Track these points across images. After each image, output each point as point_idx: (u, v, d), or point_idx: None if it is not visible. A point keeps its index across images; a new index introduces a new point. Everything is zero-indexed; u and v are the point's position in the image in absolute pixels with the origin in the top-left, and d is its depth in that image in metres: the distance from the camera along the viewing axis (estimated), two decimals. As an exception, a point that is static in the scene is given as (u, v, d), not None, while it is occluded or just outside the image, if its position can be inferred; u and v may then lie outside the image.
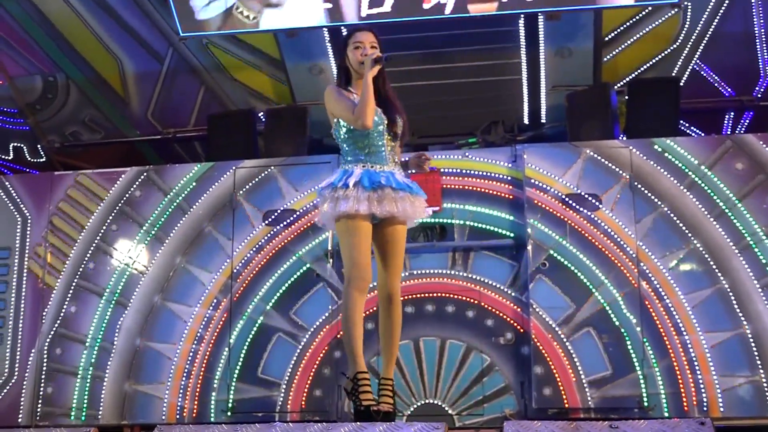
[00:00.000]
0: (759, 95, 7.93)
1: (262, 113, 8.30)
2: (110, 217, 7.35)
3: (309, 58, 8.07)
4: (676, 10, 7.51)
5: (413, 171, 4.28)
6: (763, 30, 7.72)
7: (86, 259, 7.31)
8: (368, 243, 4.03)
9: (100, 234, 7.33)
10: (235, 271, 6.99)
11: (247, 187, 7.16)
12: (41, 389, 7.12)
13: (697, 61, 7.94)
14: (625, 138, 7.21)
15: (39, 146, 8.93)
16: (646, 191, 6.59)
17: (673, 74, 7.94)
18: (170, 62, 8.52)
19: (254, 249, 7.01)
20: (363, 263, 4.01)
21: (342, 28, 7.68)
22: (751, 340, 6.26)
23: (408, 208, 3.98)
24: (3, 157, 8.98)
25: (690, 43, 7.87)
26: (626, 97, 7.44)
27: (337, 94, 4.18)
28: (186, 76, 8.62)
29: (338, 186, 4.02)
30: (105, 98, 8.77)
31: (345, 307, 4.10)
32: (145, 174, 7.39)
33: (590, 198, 6.63)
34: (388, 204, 3.94)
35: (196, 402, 6.84)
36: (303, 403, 6.68)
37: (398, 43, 7.59)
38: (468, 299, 6.69)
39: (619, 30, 7.89)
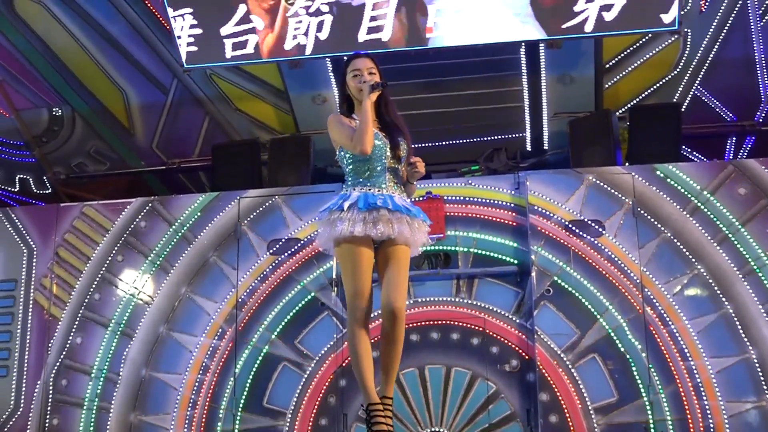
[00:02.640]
0: (760, 120, 7.93)
1: (266, 143, 8.32)
2: (115, 248, 7.38)
3: (312, 88, 8.12)
4: (676, 36, 7.54)
5: (421, 197, 4.29)
6: (763, 55, 7.73)
7: (92, 290, 7.34)
8: (367, 268, 4.00)
9: (106, 265, 7.36)
10: (240, 300, 7.00)
11: (252, 216, 7.19)
12: (47, 421, 7.13)
13: (698, 87, 7.96)
14: (627, 164, 7.23)
15: (45, 178, 8.97)
16: (649, 217, 6.61)
17: (675, 100, 7.95)
18: (174, 93, 8.56)
19: (259, 278, 7.03)
20: (361, 291, 3.99)
21: (344, 57, 7.74)
22: (757, 365, 6.25)
23: (405, 231, 3.95)
24: (9, 189, 9.02)
25: (691, 68, 7.91)
26: (628, 124, 7.46)
27: (337, 121, 4.22)
28: (190, 107, 8.67)
29: (334, 209, 4.05)
30: (110, 130, 8.81)
31: (349, 339, 4.09)
32: (150, 204, 7.43)
33: (593, 224, 6.65)
34: (383, 225, 3.94)
35: (201, 432, 6.87)
36: (309, 432, 6.71)
37: (399, 72, 7.64)
38: (473, 326, 6.69)
39: (619, 57, 7.92)
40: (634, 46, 7.88)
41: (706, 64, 7.89)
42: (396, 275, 3.97)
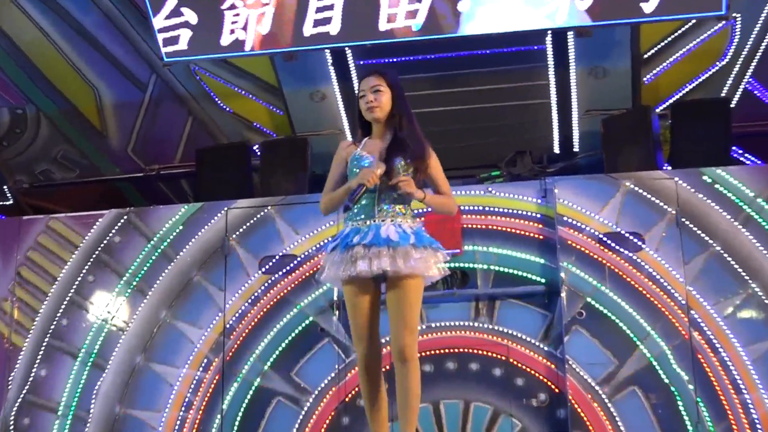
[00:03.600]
0: (822, 116, 7.96)
1: (257, 146, 8.33)
2: (86, 267, 7.37)
3: (310, 84, 8.12)
4: (723, 23, 7.52)
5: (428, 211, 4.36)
6: (822, 43, 7.77)
7: (59, 314, 7.32)
8: (362, 310, 4.23)
9: (75, 286, 7.35)
10: (228, 326, 6.99)
11: (241, 230, 7.18)
12: (7, 465, 7.13)
13: (750, 80, 7.95)
14: (669, 168, 7.21)
15: (5, 187, 8.95)
16: (695, 228, 6.58)
17: (723, 95, 7.95)
18: (153, 90, 8.56)
19: (250, 301, 7.01)
20: (358, 335, 4.26)
21: (345, 49, 7.77)
22: (822, 398, 6.22)
23: (386, 263, 4.11)
24: (-37, 200, 9.08)
25: (740, 59, 7.88)
26: (670, 122, 7.44)
27: (334, 160, 4.48)
28: (171, 105, 8.67)
29: (325, 251, 4.36)
30: (80, 132, 8.82)
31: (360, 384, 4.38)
32: (125, 217, 7.42)
33: (632, 237, 6.62)
34: (363, 263, 4.15)
35: (184, 478, 6.82)
36: (307, 477, 6.69)
37: (408, 65, 7.62)
38: (494, 355, 6.67)
39: (659, 46, 7.91)
40: (676, 34, 7.86)
41: (759, 54, 7.86)
42: (394, 312, 4.16)
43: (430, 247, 4.26)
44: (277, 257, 7.07)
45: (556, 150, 8.25)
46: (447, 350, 6.73)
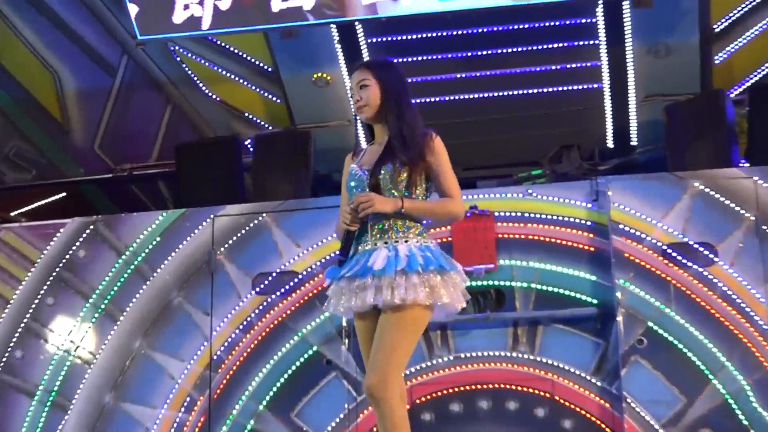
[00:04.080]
0: None
1: (249, 141, 8.33)
2: (45, 287, 7.37)
3: (312, 66, 8.14)
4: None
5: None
6: None
7: (12, 344, 7.32)
8: (365, 340, 4.33)
9: (31, 310, 7.35)
10: (215, 357, 6.98)
11: (231, 242, 7.17)
12: None
13: None
14: (746, 165, 7.18)
15: (-51, 192, 9.06)
16: (779, 238, 6.55)
17: (811, 76, 7.96)
18: (124, 75, 8.62)
19: (241, 327, 7.00)
20: (365, 364, 4.33)
21: (356, 23, 7.76)
22: None
23: (370, 297, 4.15)
24: None
25: (833, 33, 7.88)
26: (747, 109, 7.42)
27: (342, 178, 4.52)
28: (146, 93, 8.70)
29: (327, 278, 4.42)
30: (37, 125, 8.85)
31: None
32: (91, 227, 7.41)
33: (702, 249, 6.58)
34: (348, 297, 4.26)
35: None
36: None
37: (433, 43, 7.63)
38: (537, 392, 6.64)
39: (734, 17, 7.90)
40: (755, 2, 7.84)
41: None
42: (372, 348, 4.21)
43: (430, 268, 4.19)
44: (273, 274, 7.06)
45: (610, 144, 8.27)
46: (479, 386, 6.71)
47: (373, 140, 4.48)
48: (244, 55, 8.46)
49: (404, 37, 7.96)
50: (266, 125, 8.70)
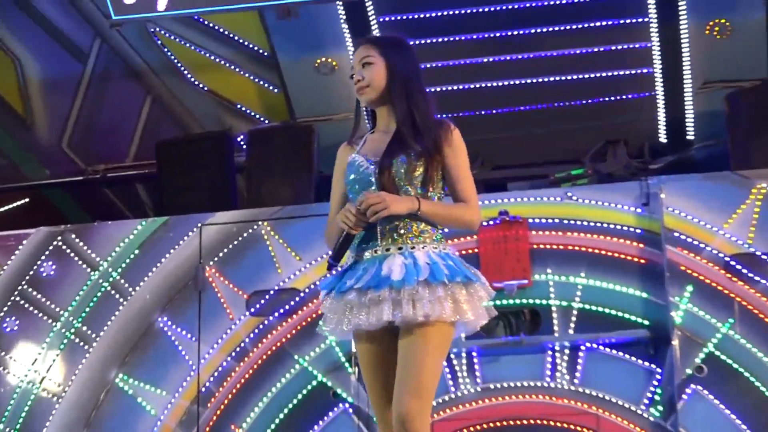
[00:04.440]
0: None
1: (242, 137, 8.29)
2: (5, 309, 7.37)
3: (315, 50, 8.16)
4: None
5: (491, 221, 4.28)
6: None
7: (-32, 374, 7.29)
8: (374, 368, 4.27)
9: (-10, 335, 7.33)
10: (203, 389, 6.96)
11: (221, 255, 7.16)
12: None
13: None
14: (823, 162, 7.11)
15: None
16: None
17: None
18: (97, 62, 8.62)
19: (234, 354, 6.98)
20: (372, 400, 4.29)
21: (367, 1, 7.76)
22: None
23: (387, 313, 4.08)
24: None
25: None
26: (824, 97, 7.35)
27: (335, 171, 4.45)
28: (122, 82, 8.72)
29: (322, 292, 4.36)
30: (-5, 119, 8.90)
31: None
32: (59, 237, 7.41)
33: (772, 260, 6.54)
34: (358, 313, 4.16)
35: None
36: None
37: (456, 22, 7.58)
38: (579, 428, 6.61)
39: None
40: (830, -28, 7.77)
41: None
42: (400, 369, 4.13)
43: (456, 280, 4.13)
44: (271, 293, 7.05)
45: (663, 138, 8.25)
46: (512, 421, 6.67)
47: (374, 128, 4.43)
48: (236, 38, 8.47)
49: (421, 15, 7.95)
50: (262, 119, 8.70)
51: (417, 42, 7.54)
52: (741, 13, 7.74)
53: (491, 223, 6.80)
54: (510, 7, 7.84)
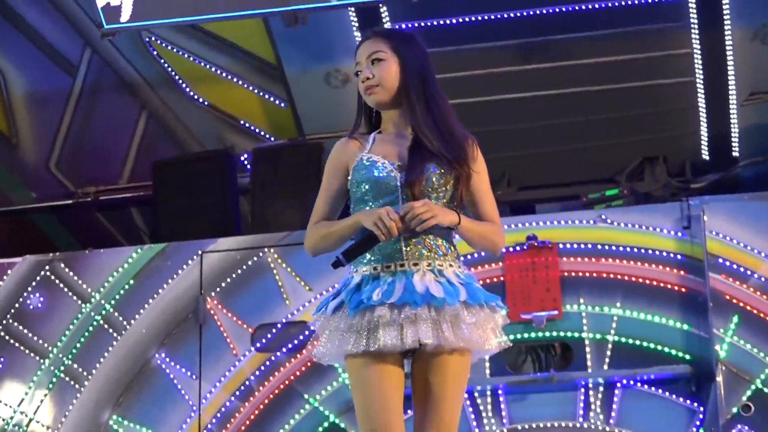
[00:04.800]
0: None
1: (245, 156, 8.38)
2: (-11, 344, 7.40)
3: (325, 60, 8.18)
4: None
5: (517, 247, 4.24)
6: None
7: (-51, 417, 7.34)
8: (385, 393, 4.10)
9: (-28, 373, 7.39)
10: (205, 431, 7.00)
11: (224, 284, 7.22)
12: None
13: None
14: None
15: None
16: None
17: None
18: (87, 74, 8.65)
19: (238, 393, 7.03)
20: (381, 423, 4.05)
21: (379, 6, 7.81)
22: None
23: (428, 333, 3.98)
24: None
25: None
26: None
27: (327, 169, 4.41)
28: (115, 96, 8.72)
29: (321, 312, 4.18)
30: (-25, 139, 8.91)
31: None
32: (47, 267, 7.47)
33: (825, 288, 6.58)
34: (388, 332, 4.02)
35: None
36: None
37: (479, 30, 7.70)
38: (614, 472, 6.64)
39: None
40: None
41: None
42: (433, 406, 4.08)
43: (487, 305, 4.13)
44: (278, 326, 7.10)
45: (705, 155, 8.25)
46: (541, 465, 6.70)
47: (378, 130, 4.33)
48: (239, 47, 8.50)
49: (441, 22, 7.98)
50: (267, 136, 8.74)
51: (436, 50, 7.32)
52: (791, 17, 7.70)
53: (518, 248, 6.85)
54: (537, 12, 7.87)
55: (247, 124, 8.78)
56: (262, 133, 8.78)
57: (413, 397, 4.15)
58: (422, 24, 8.00)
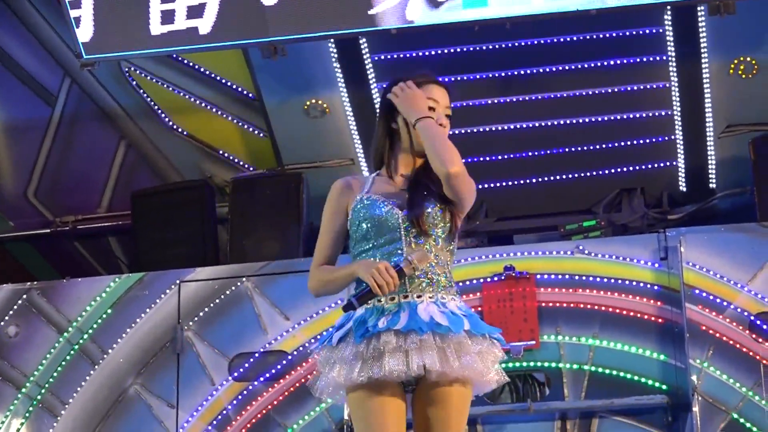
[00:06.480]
0: None
1: (225, 186, 8.36)
2: (-35, 374, 7.38)
3: (304, 92, 8.18)
4: None
5: (496, 277, 4.25)
6: None
7: None
8: (387, 423, 4.13)
9: (-52, 404, 7.35)
10: (182, 461, 6.99)
11: (201, 314, 7.22)
12: None
13: None
14: None
15: None
16: None
17: None
18: (66, 104, 8.62)
19: (215, 422, 7.00)
20: None
21: (358, 38, 7.81)
22: None
23: (434, 360, 4.03)
24: None
25: None
26: None
27: (327, 209, 4.44)
28: (93, 126, 8.70)
29: (324, 344, 4.24)
30: (-48, 168, 8.89)
31: None
32: (24, 296, 7.46)
33: (800, 319, 6.58)
34: (393, 358, 4.06)
35: None
36: None
37: (457, 61, 7.70)
38: (592, 504, 6.63)
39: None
40: None
41: None
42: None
43: (490, 336, 4.18)
44: (256, 355, 7.09)
45: (682, 187, 8.27)
46: (519, 497, 6.70)
47: (377, 172, 4.43)
48: (218, 78, 8.50)
49: (419, 53, 7.99)
50: (246, 166, 8.73)
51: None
52: (767, 51, 7.74)
53: (496, 279, 6.87)
54: (516, 44, 7.88)
55: (226, 154, 8.77)
56: (241, 163, 8.77)
57: (419, 422, 4.18)
58: (401, 56, 8.02)
